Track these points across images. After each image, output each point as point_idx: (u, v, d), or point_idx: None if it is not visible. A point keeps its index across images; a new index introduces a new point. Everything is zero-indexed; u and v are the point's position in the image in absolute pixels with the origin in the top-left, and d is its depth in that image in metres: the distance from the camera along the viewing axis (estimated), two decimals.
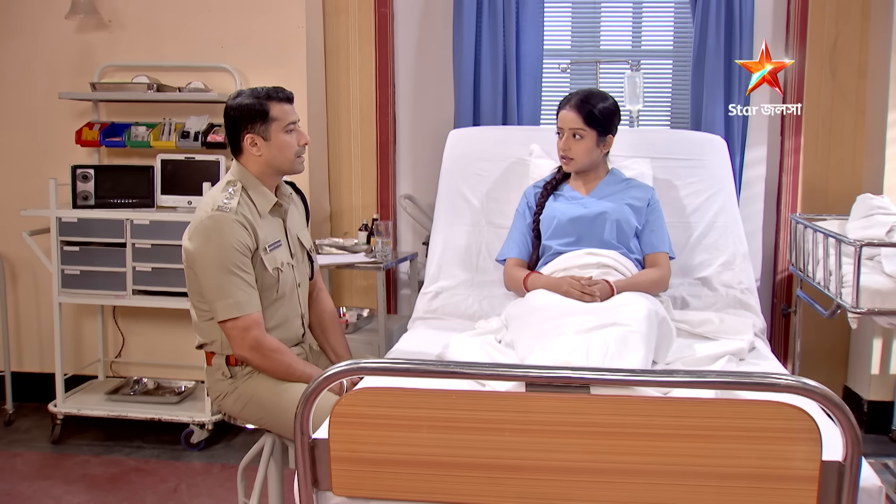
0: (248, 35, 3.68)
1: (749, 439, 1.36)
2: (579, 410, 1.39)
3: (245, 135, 2.31)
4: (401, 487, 1.48)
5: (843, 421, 1.32)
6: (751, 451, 1.36)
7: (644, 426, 1.38)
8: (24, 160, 3.84)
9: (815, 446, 1.34)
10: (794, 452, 1.35)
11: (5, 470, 3.27)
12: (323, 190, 3.92)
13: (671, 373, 1.38)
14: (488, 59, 3.74)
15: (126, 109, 3.76)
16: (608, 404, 1.39)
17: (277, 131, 2.30)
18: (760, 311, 2.60)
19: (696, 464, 1.38)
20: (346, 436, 1.48)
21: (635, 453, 1.39)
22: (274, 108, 2.30)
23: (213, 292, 2.22)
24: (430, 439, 1.45)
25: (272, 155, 2.32)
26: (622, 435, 1.39)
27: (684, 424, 1.37)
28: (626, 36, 3.91)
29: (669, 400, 1.40)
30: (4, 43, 3.80)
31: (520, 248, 2.56)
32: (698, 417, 1.36)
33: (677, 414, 1.37)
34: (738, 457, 1.37)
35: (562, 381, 1.39)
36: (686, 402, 1.38)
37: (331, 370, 1.45)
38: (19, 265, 3.91)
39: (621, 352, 1.76)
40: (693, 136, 2.99)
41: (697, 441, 1.37)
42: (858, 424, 1.32)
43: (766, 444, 1.35)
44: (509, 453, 1.42)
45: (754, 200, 3.73)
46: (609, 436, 1.39)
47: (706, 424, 1.36)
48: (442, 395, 1.44)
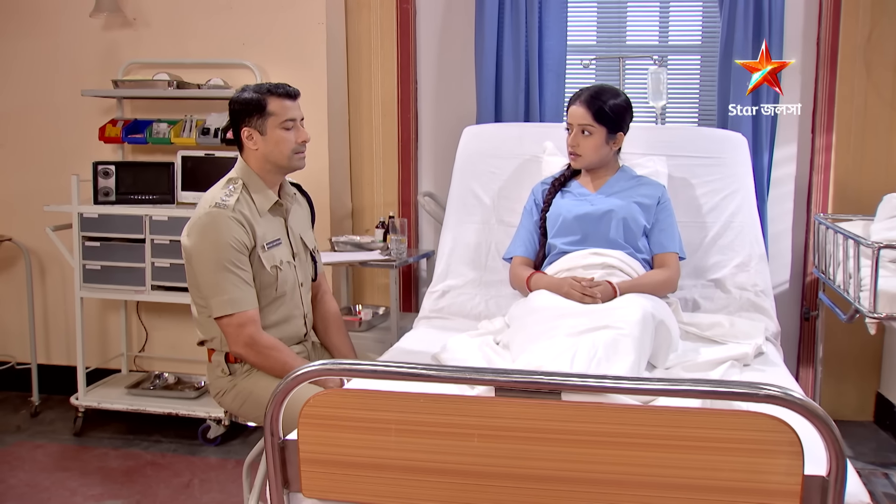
0: (268, 32, 3.68)
1: (727, 451, 1.29)
2: (550, 417, 1.34)
3: (243, 128, 2.31)
4: (370, 491, 1.45)
5: (825, 434, 1.25)
6: (729, 463, 1.30)
7: (617, 435, 1.32)
8: (50, 156, 3.91)
9: (797, 460, 1.27)
10: (774, 466, 1.28)
11: (27, 461, 3.33)
12: (345, 187, 3.91)
13: (644, 380, 1.32)
14: (510, 54, 3.68)
15: (149, 106, 3.80)
16: (579, 411, 1.33)
17: (274, 126, 2.29)
18: (776, 315, 2.50)
19: (671, 475, 1.32)
20: (316, 437, 1.45)
21: (607, 462, 1.33)
22: (272, 104, 2.29)
23: (209, 288, 2.22)
24: (399, 443, 1.41)
25: (268, 150, 2.31)
26: (594, 443, 1.33)
27: (659, 434, 1.31)
28: (653, 31, 3.82)
29: (643, 408, 1.34)
30: (31, 41, 3.87)
31: (526, 246, 2.50)
32: (674, 427, 1.30)
33: (652, 423, 1.31)
34: (715, 469, 1.30)
35: (531, 386, 1.34)
36: (661, 410, 1.32)
37: (298, 371, 1.42)
38: (48, 260, 3.98)
39: (610, 356, 1.70)
40: (712, 133, 2.90)
41: (672, 451, 1.31)
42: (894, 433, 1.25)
43: (745, 456, 1.29)
44: (478, 459, 1.38)
45: (784, 200, 3.61)
46: (580, 444, 1.34)
47: (682, 434, 1.30)
48: (410, 398, 1.40)
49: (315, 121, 3.68)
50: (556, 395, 1.34)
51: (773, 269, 3.58)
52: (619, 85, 3.55)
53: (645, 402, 1.53)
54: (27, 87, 3.91)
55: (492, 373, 1.36)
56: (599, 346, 1.72)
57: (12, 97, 3.92)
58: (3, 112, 3.94)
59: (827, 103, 3.47)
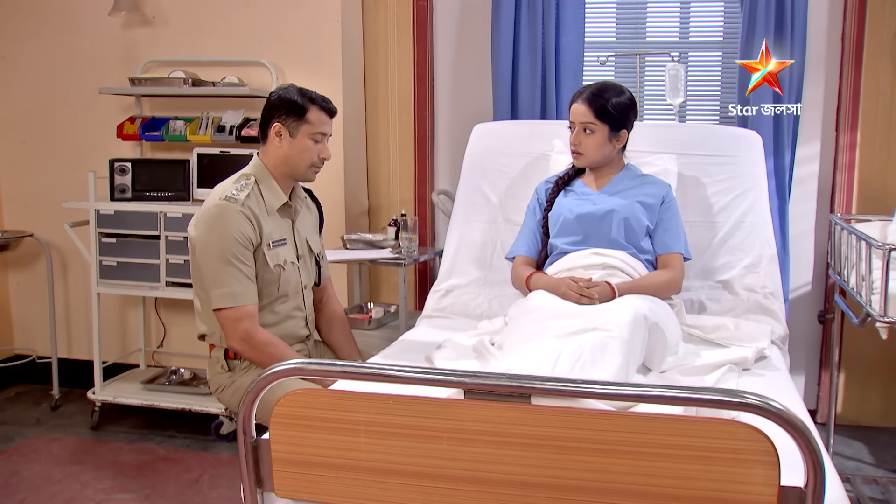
0: (284, 30, 3.69)
1: (701, 459, 1.25)
2: (519, 421, 1.31)
3: (274, 123, 2.31)
4: (341, 493, 1.43)
5: (802, 444, 1.20)
6: (703, 472, 1.25)
7: (588, 441, 1.28)
8: (70, 153, 3.96)
9: (773, 470, 1.22)
10: (750, 476, 1.23)
11: (42, 453, 3.38)
12: (361, 185, 3.91)
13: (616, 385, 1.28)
14: (527, 51, 3.64)
15: (167, 104, 3.83)
16: (549, 416, 1.30)
17: (305, 134, 2.31)
18: (785, 318, 2.43)
19: (644, 483, 1.27)
20: (287, 437, 1.44)
21: (578, 469, 1.30)
22: (312, 113, 2.31)
23: (211, 280, 2.23)
24: (369, 444, 1.39)
25: (291, 153, 2.32)
26: (564, 449, 1.30)
27: (632, 441, 1.27)
28: (674, 27, 3.74)
29: (615, 414, 1.30)
30: (53, 40, 3.92)
31: (528, 245, 2.47)
32: (646, 434, 1.26)
33: (624, 429, 1.27)
34: (689, 478, 1.26)
35: (500, 389, 1.30)
36: (633, 416, 1.28)
37: (270, 370, 1.41)
38: (70, 256, 4.04)
39: (596, 359, 1.66)
40: (725, 131, 2.83)
41: (645, 459, 1.27)
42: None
43: (720, 465, 1.24)
44: (447, 462, 1.35)
45: (806, 199, 3.51)
46: (551, 449, 1.30)
47: (655, 442, 1.26)
48: (378, 399, 1.38)
49: None
50: (527, 398, 1.31)
51: (794, 270, 3.50)
52: (636, 82, 3.49)
53: (623, 408, 1.49)
54: (49, 86, 3.96)
55: (460, 375, 1.33)
56: (586, 348, 1.68)
57: (34, 95, 3.98)
58: (26, 110, 4.01)
59: (851, 100, 3.37)
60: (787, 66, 3.34)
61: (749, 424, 1.22)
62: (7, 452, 3.39)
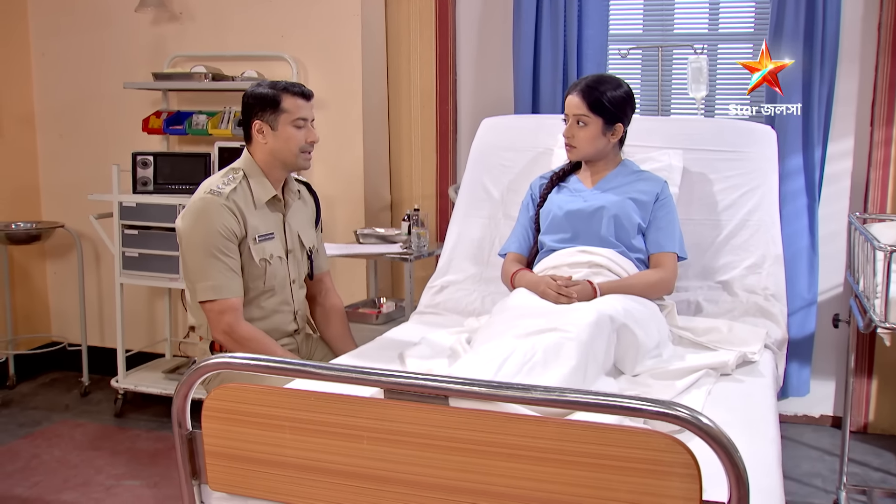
0: (305, 24, 3.70)
1: (620, 470, 1.18)
2: (437, 423, 1.27)
3: (254, 121, 2.33)
4: (269, 488, 1.41)
5: (722, 456, 1.12)
6: (622, 482, 1.19)
7: (506, 446, 1.23)
8: (100, 146, 4.06)
9: (694, 483, 1.15)
10: (669, 489, 1.16)
11: (64, 438, 3.48)
12: (382, 180, 3.89)
13: (532, 388, 1.22)
14: (548, 44, 3.57)
15: (192, 98, 3.89)
16: (466, 419, 1.25)
17: (285, 123, 2.31)
18: (786, 322, 2.31)
19: (562, 492, 1.22)
20: (218, 431, 1.43)
21: (495, 474, 1.25)
22: (286, 101, 2.31)
23: (195, 273, 2.26)
24: (294, 441, 1.37)
25: (277, 146, 2.32)
26: (480, 453, 1.25)
27: (549, 448, 1.21)
28: (703, 18, 3.61)
29: (532, 419, 1.24)
30: (86, 37, 4.02)
31: (520, 242, 2.41)
32: (563, 441, 1.20)
33: (540, 435, 1.21)
34: (606, 488, 1.20)
35: (415, 389, 1.27)
36: (549, 422, 1.22)
37: (198, 364, 1.41)
38: (101, 247, 4.14)
39: (549, 361, 1.60)
40: (737, 126, 2.70)
41: (562, 467, 1.21)
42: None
43: (640, 476, 1.17)
44: (368, 462, 1.32)
45: (839, 198, 3.35)
46: (467, 453, 1.25)
47: (571, 449, 1.20)
48: (301, 396, 1.36)
49: (349, 113, 3.68)
50: (445, 400, 1.27)
51: (824, 271, 3.36)
52: (658, 75, 3.38)
53: (560, 414, 1.42)
54: (83, 80, 4.07)
55: (378, 374, 1.29)
56: (539, 349, 1.62)
57: (70, 90, 4.10)
58: (61, 105, 4.12)
59: (888, 94, 3.20)
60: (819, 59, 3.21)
61: (668, 435, 1.15)
62: (32, 436, 3.50)
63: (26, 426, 3.60)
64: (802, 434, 3.46)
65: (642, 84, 3.67)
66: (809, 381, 3.44)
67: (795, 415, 3.56)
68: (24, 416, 3.72)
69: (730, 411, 1.67)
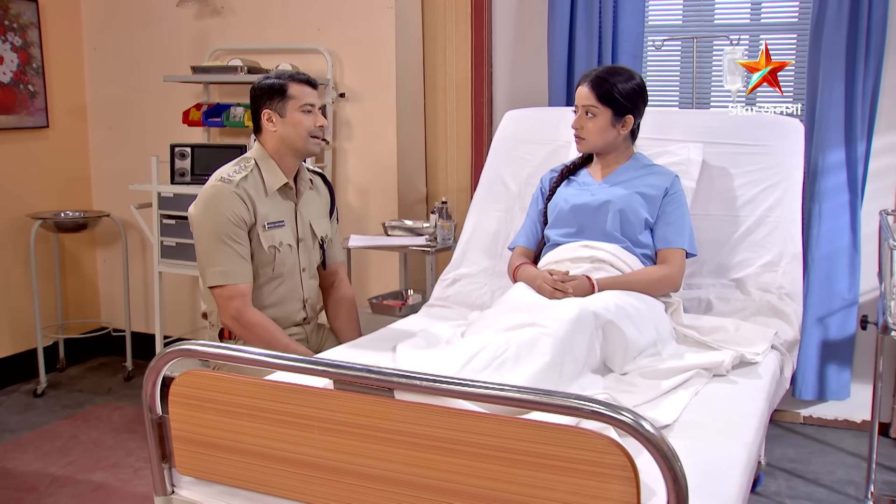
0: (339, 17, 3.73)
1: (560, 470, 1.16)
2: (383, 416, 1.26)
3: (263, 111, 2.37)
4: (230, 474, 1.44)
5: (658, 460, 1.08)
6: (561, 483, 1.16)
7: (447, 440, 1.22)
8: (144, 138, 4.18)
9: (630, 486, 1.11)
10: (607, 491, 1.13)
11: (102, 420, 3.60)
12: (417, 172, 3.89)
13: (467, 384, 1.20)
14: (583, 36, 3.50)
15: (232, 91, 3.96)
16: (411, 412, 1.24)
17: (293, 109, 2.36)
18: (800, 322, 2.21)
19: (503, 490, 1.20)
20: (183, 416, 1.46)
21: (437, 468, 1.23)
22: (293, 88, 2.36)
23: (205, 258, 2.31)
24: (252, 428, 1.39)
25: (286, 132, 2.36)
26: (424, 447, 1.24)
27: (488, 444, 1.19)
28: (745, 8, 3.49)
29: (472, 415, 1.22)
30: (132, 32, 4.14)
31: (528, 236, 2.38)
32: (504, 438, 1.18)
33: (482, 431, 1.19)
34: (548, 488, 1.17)
35: (361, 381, 1.26)
36: (491, 419, 1.19)
37: (165, 351, 1.44)
38: (145, 235, 4.25)
39: (521, 356, 1.57)
40: (762, 119, 2.60)
41: (500, 464, 1.19)
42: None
43: (579, 477, 1.14)
44: (320, 452, 1.33)
45: (883, 195, 3.19)
46: (412, 446, 1.25)
47: (512, 447, 1.17)
48: (258, 384, 1.37)
49: (383, 105, 3.69)
50: (390, 392, 1.26)
51: (865, 272, 3.21)
52: (694, 66, 3.28)
53: (511, 412, 1.39)
54: (129, 74, 4.19)
55: (326, 365, 1.29)
56: (513, 344, 1.59)
57: (118, 83, 4.22)
58: (110, 98, 4.26)
59: None
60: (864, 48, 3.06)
61: (605, 436, 1.11)
62: (73, 417, 3.63)
63: (69, 407, 3.74)
64: (842, 440, 3.32)
65: (681, 77, 3.57)
66: (850, 385, 3.30)
67: (836, 419, 3.42)
68: (69, 398, 3.86)
69: (711, 413, 1.62)
